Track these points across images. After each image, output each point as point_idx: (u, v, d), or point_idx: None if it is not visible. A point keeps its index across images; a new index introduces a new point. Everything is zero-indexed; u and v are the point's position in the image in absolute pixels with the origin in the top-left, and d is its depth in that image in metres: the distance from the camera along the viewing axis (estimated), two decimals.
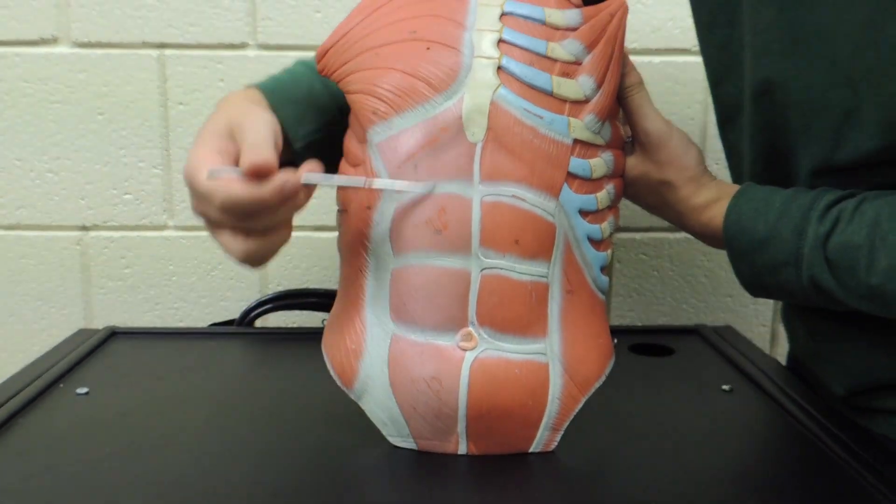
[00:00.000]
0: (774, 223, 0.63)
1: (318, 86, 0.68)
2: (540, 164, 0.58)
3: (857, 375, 0.71)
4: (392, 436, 0.62)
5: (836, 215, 0.61)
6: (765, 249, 0.64)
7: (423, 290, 0.59)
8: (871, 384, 0.71)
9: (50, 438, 0.64)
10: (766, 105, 0.69)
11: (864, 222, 0.60)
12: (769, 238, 0.63)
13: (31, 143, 1.09)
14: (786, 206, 0.63)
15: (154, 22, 1.07)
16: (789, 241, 0.63)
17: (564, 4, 0.60)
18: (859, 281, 0.60)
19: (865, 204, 0.61)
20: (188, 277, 1.13)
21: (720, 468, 0.61)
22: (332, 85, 0.62)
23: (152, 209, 1.11)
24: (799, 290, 0.64)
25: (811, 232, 0.62)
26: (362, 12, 0.60)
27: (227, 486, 0.57)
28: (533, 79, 0.58)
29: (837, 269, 0.61)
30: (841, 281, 0.61)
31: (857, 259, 0.60)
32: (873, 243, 0.59)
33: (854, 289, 0.61)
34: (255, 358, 0.86)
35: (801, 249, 0.62)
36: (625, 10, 0.60)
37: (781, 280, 0.64)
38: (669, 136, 0.66)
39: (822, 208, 0.62)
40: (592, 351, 0.62)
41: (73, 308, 1.13)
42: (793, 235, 0.62)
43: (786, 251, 0.63)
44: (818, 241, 0.61)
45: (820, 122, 0.65)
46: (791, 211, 0.63)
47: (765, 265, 0.64)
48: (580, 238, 0.60)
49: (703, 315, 1.17)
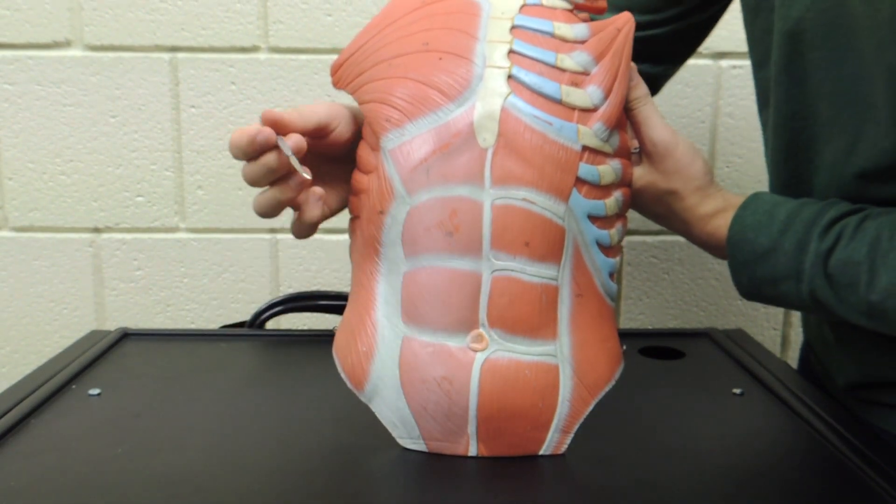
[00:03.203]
0: (777, 236, 0.64)
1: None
2: (549, 168, 0.58)
3: (869, 364, 0.71)
4: (402, 438, 0.63)
5: (838, 231, 0.62)
6: (766, 262, 0.64)
7: (434, 292, 0.59)
8: (880, 376, 0.71)
9: (62, 439, 0.64)
10: (794, 92, 0.69)
11: (865, 240, 0.60)
12: (771, 251, 0.64)
13: (44, 145, 1.10)
14: (790, 220, 0.64)
15: (166, 25, 1.08)
16: (791, 255, 0.63)
17: (572, 19, 0.61)
18: (859, 297, 0.60)
19: (868, 221, 0.61)
20: (200, 279, 1.14)
21: (731, 472, 0.60)
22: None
23: (164, 211, 1.12)
24: (798, 303, 0.64)
25: (813, 247, 0.62)
26: (376, 27, 0.62)
27: (238, 488, 0.57)
28: (542, 87, 0.59)
29: (838, 285, 0.61)
30: (840, 297, 0.61)
31: (857, 276, 0.60)
32: (874, 261, 0.59)
33: (854, 305, 0.61)
34: (267, 360, 0.86)
35: (802, 264, 0.62)
36: (632, 24, 0.61)
37: (781, 292, 0.65)
38: (676, 145, 0.67)
39: (825, 224, 0.62)
40: (602, 355, 0.62)
41: (85, 309, 1.14)
42: (795, 250, 0.63)
43: (787, 265, 0.63)
44: (819, 257, 0.62)
45: (847, 114, 0.65)
46: (794, 225, 0.63)
47: (765, 277, 0.65)
48: (589, 242, 0.60)
49: (713, 318, 1.17)
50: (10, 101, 1.09)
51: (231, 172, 1.11)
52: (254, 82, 1.09)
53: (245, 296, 1.14)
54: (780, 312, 1.17)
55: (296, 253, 1.13)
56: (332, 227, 1.12)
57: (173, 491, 0.56)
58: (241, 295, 1.14)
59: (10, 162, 1.10)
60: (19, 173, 1.10)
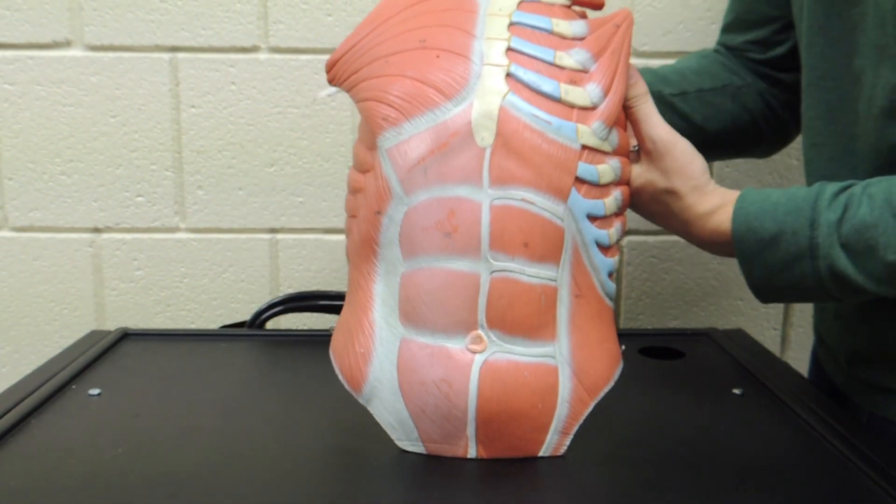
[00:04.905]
0: (783, 218, 0.63)
1: None
2: (548, 168, 0.58)
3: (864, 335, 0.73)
4: (400, 440, 0.63)
5: (845, 201, 0.62)
6: (776, 246, 0.64)
7: (432, 293, 0.59)
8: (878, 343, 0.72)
9: (62, 439, 0.64)
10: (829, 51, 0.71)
11: (875, 203, 0.60)
12: (779, 234, 0.63)
13: (44, 145, 1.10)
14: (791, 202, 0.64)
15: (166, 25, 1.08)
16: (801, 233, 0.62)
17: (571, 16, 0.61)
18: (878, 261, 0.60)
19: (872, 187, 0.61)
20: (200, 279, 1.14)
21: (731, 472, 0.60)
22: None
23: (164, 211, 1.12)
24: (815, 285, 0.63)
25: (823, 220, 0.62)
26: (371, 24, 0.61)
27: (237, 488, 0.57)
28: (541, 85, 0.58)
29: (854, 252, 0.61)
30: (859, 265, 0.61)
31: (873, 238, 0.60)
32: (888, 221, 0.59)
33: (873, 271, 0.60)
34: (266, 360, 0.86)
35: (814, 239, 0.62)
36: (630, 21, 0.61)
37: (796, 276, 0.64)
38: (675, 144, 0.67)
39: (830, 196, 0.62)
40: (601, 355, 0.62)
41: (85, 309, 1.14)
42: (804, 227, 0.62)
43: (799, 244, 0.62)
44: (831, 228, 0.61)
45: (871, 61, 0.66)
46: (797, 204, 0.63)
47: (777, 263, 0.64)
48: (588, 242, 0.60)
49: (713, 318, 1.16)
50: (10, 101, 1.09)
51: (231, 172, 1.11)
52: (254, 82, 1.09)
53: (245, 296, 1.14)
54: (780, 313, 1.17)
55: (296, 253, 1.13)
56: (332, 226, 1.12)
57: (173, 491, 0.56)
58: (241, 295, 1.14)
59: (10, 162, 1.10)
60: (19, 173, 1.10)
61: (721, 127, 0.86)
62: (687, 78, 0.86)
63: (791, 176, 1.12)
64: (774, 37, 0.85)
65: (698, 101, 0.85)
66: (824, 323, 0.82)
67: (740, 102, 0.87)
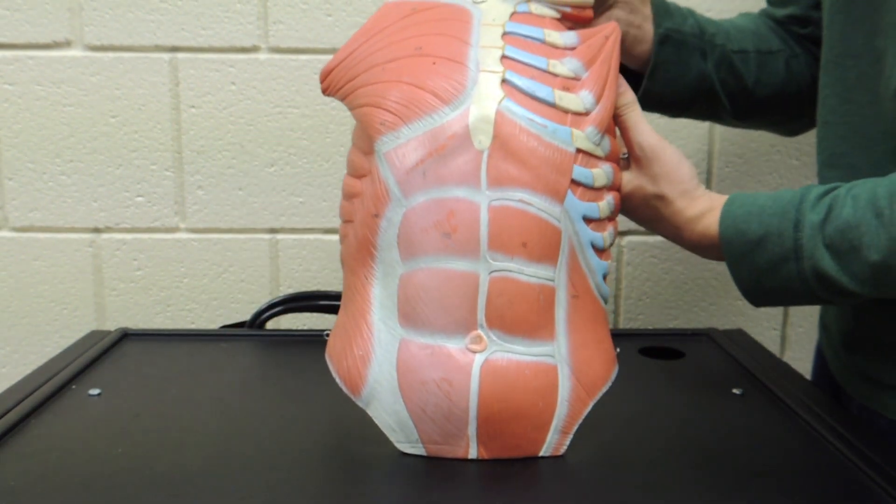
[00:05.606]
0: (769, 220, 0.64)
1: None
2: (545, 170, 0.59)
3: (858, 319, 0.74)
4: (400, 442, 0.63)
5: (829, 202, 0.62)
6: (762, 247, 0.64)
7: (432, 294, 0.59)
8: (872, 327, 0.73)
9: (62, 439, 0.64)
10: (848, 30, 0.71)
11: (858, 204, 0.60)
12: (765, 235, 0.64)
13: (44, 145, 1.10)
14: (776, 204, 0.64)
15: (166, 25, 1.08)
16: (786, 235, 0.63)
17: (561, 27, 0.64)
18: (861, 261, 0.60)
19: (857, 188, 0.62)
20: (199, 279, 1.14)
21: (731, 472, 0.60)
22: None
23: (164, 211, 1.12)
24: (801, 287, 0.64)
25: (807, 221, 0.62)
26: (366, 33, 0.62)
27: (237, 488, 0.57)
28: (536, 91, 0.60)
29: (838, 252, 0.61)
30: (843, 265, 0.61)
31: (857, 238, 0.60)
32: (870, 221, 0.60)
33: (857, 272, 0.61)
34: (266, 360, 0.86)
35: (799, 240, 0.62)
36: (618, 33, 0.63)
37: (783, 278, 0.64)
38: (663, 150, 0.67)
39: (815, 198, 0.63)
40: (598, 356, 0.63)
41: (85, 310, 1.14)
42: (789, 228, 0.63)
43: (784, 245, 0.63)
44: (815, 229, 0.62)
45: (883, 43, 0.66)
46: (783, 206, 0.64)
47: (764, 265, 0.64)
48: (584, 244, 0.61)
49: (713, 318, 1.17)
50: (10, 101, 1.09)
51: (231, 172, 1.11)
52: (254, 82, 1.09)
53: (245, 296, 1.14)
54: (780, 312, 1.17)
55: (296, 253, 1.13)
56: (332, 227, 1.12)
57: (173, 491, 0.56)
58: (241, 295, 1.14)
59: (10, 162, 1.10)
60: (19, 173, 1.10)
61: (769, 93, 0.84)
62: (748, 37, 0.84)
63: (791, 176, 1.12)
64: (810, 12, 0.84)
65: (756, 62, 0.83)
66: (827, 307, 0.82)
67: (791, 71, 0.85)
